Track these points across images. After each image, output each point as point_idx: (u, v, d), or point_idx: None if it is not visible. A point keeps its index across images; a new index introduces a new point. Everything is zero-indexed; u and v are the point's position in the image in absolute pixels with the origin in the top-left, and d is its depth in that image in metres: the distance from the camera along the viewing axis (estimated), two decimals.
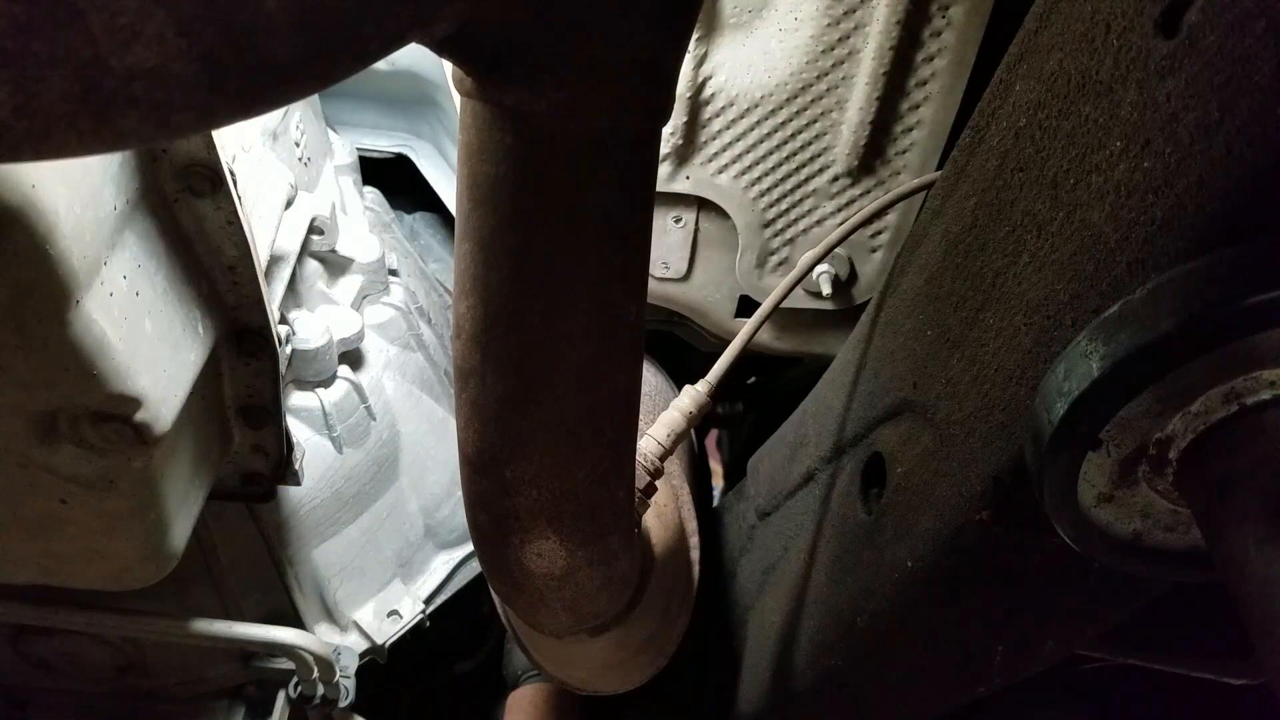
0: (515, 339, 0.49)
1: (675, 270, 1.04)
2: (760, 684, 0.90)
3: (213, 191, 0.62)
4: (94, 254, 0.53)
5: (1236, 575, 0.37)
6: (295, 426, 0.92)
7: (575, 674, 0.80)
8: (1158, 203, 0.40)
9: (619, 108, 0.41)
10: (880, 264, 1.00)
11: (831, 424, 0.80)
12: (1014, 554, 0.56)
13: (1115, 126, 0.43)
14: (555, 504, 0.56)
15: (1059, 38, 0.49)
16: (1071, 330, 0.44)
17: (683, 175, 0.94)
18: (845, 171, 0.93)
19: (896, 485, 0.65)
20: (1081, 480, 0.44)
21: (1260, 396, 0.38)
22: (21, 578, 0.73)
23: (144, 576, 0.73)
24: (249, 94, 0.30)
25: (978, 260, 0.55)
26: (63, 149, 0.28)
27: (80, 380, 0.54)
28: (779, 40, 0.85)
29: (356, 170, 1.13)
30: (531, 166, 0.43)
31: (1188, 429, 0.41)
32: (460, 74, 0.41)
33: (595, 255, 0.47)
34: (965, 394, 0.55)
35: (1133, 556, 0.47)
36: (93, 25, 0.25)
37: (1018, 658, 0.66)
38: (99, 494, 0.62)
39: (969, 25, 0.82)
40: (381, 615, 1.06)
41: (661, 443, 0.69)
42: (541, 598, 0.63)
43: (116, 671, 1.05)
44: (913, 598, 0.63)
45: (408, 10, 0.32)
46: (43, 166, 0.48)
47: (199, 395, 0.69)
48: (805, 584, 0.81)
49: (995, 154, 0.55)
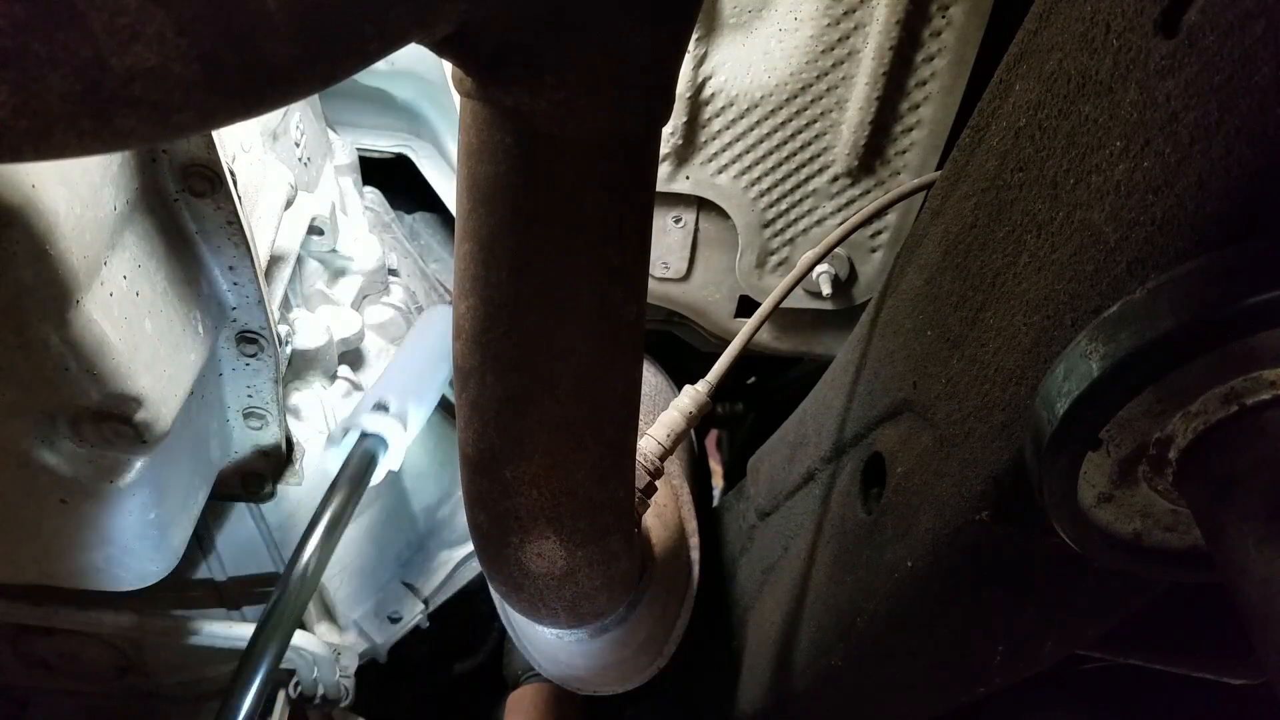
0: (515, 339, 0.49)
1: (675, 270, 1.04)
2: (760, 684, 0.90)
3: (213, 191, 0.62)
4: (94, 254, 0.53)
5: (1236, 575, 0.37)
6: (295, 426, 0.92)
7: (575, 674, 0.80)
8: (1158, 203, 0.40)
9: (619, 108, 0.41)
10: (880, 264, 1.00)
11: (831, 424, 0.80)
12: (1014, 554, 0.56)
13: (1115, 126, 0.43)
14: (555, 504, 0.56)
15: (1059, 38, 0.49)
16: (1071, 330, 0.44)
17: (683, 175, 0.94)
18: (845, 171, 0.93)
19: (896, 485, 0.65)
20: (1081, 480, 0.44)
21: (1260, 396, 0.38)
22: (21, 578, 0.73)
23: (144, 576, 0.73)
24: (249, 94, 0.30)
25: (978, 260, 0.55)
26: (63, 149, 0.28)
27: (80, 380, 0.54)
28: (779, 40, 0.85)
29: (356, 170, 1.13)
30: (531, 167, 0.43)
31: (1188, 429, 0.41)
32: (460, 74, 0.41)
33: (595, 255, 0.47)
34: (965, 394, 0.55)
35: (1133, 556, 0.47)
36: (93, 25, 0.25)
37: (1018, 658, 0.66)
38: (99, 494, 0.62)
39: (969, 25, 0.82)
40: (382, 615, 1.06)
41: (661, 443, 0.69)
42: (542, 598, 0.63)
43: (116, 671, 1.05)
44: (913, 598, 0.63)
45: (408, 10, 0.32)
46: (43, 166, 0.48)
47: (199, 395, 0.69)
48: (805, 584, 0.81)
49: (995, 154, 0.55)
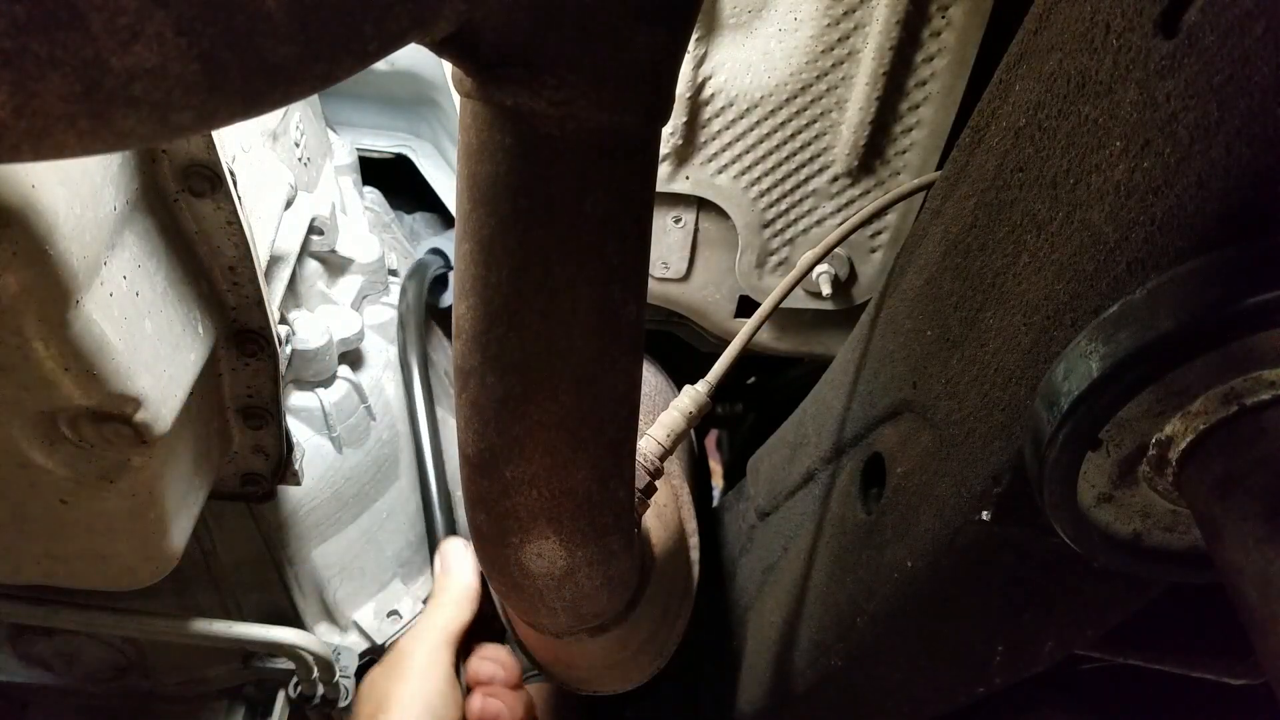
0: (515, 339, 0.49)
1: (675, 270, 1.04)
2: (760, 684, 0.90)
3: (213, 191, 0.62)
4: (94, 254, 0.53)
5: (1236, 575, 0.37)
6: (295, 426, 0.92)
7: (575, 674, 0.80)
8: (1158, 203, 0.40)
9: (619, 108, 0.41)
10: (880, 264, 1.00)
11: (831, 424, 0.80)
12: (1014, 554, 0.56)
13: (1115, 126, 0.43)
14: (555, 504, 0.56)
15: (1059, 38, 0.49)
16: (1071, 330, 0.44)
17: (682, 175, 0.94)
18: (845, 171, 0.93)
19: (896, 485, 0.65)
20: (1081, 480, 0.44)
21: (1260, 396, 0.38)
22: (21, 578, 0.73)
23: (144, 576, 0.73)
24: (249, 94, 0.30)
25: (977, 260, 0.55)
26: (63, 149, 0.28)
27: (80, 380, 0.54)
28: (779, 40, 0.85)
29: (356, 170, 1.13)
30: (531, 167, 0.43)
31: (1188, 429, 0.41)
32: (460, 74, 0.42)
33: (595, 255, 0.47)
34: (965, 394, 0.55)
35: (1133, 556, 0.47)
36: (93, 25, 0.25)
37: (1018, 658, 0.66)
38: (99, 494, 0.62)
39: (969, 25, 0.82)
40: (381, 615, 1.06)
41: (661, 443, 0.69)
42: (541, 598, 0.63)
43: (116, 671, 1.05)
44: (912, 597, 0.63)
45: (408, 10, 0.32)
46: (43, 166, 0.48)
47: (199, 395, 0.69)
48: (805, 584, 0.81)
49: (995, 154, 0.55)
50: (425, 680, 0.81)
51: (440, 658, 0.83)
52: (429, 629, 0.86)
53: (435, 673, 0.82)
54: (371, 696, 0.82)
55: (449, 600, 0.89)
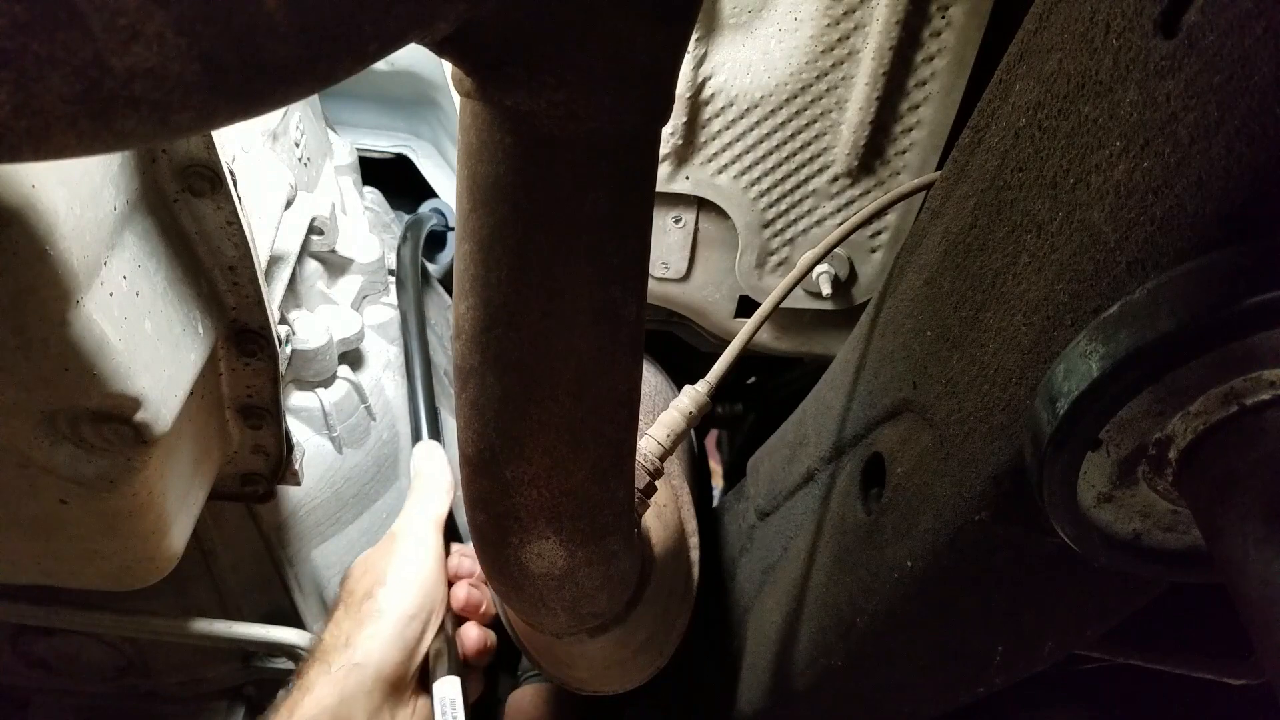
0: (515, 339, 0.49)
1: (675, 270, 1.04)
2: (760, 684, 0.90)
3: (213, 191, 0.62)
4: (94, 254, 0.53)
5: (1236, 575, 0.37)
6: (295, 426, 0.92)
7: (575, 674, 0.80)
8: (1158, 203, 0.40)
9: (619, 108, 0.41)
10: (880, 264, 1.00)
11: (831, 424, 0.80)
12: (1014, 554, 0.56)
13: (1115, 126, 0.43)
14: (555, 504, 0.56)
15: (1059, 38, 0.49)
16: (1071, 330, 0.44)
17: (682, 175, 0.94)
18: (845, 172, 0.93)
19: (896, 485, 0.65)
20: (1081, 480, 0.44)
21: (1260, 396, 0.38)
22: (21, 578, 0.73)
23: (144, 576, 0.73)
24: (249, 94, 0.30)
25: (977, 260, 0.55)
26: (63, 149, 0.28)
27: (80, 380, 0.54)
28: (779, 40, 0.85)
29: (356, 170, 1.13)
30: (531, 167, 0.43)
31: (1187, 429, 0.41)
32: (460, 74, 0.42)
33: (595, 255, 0.47)
34: (965, 394, 0.55)
35: (1133, 556, 0.47)
36: (93, 25, 0.25)
37: (1018, 658, 0.66)
38: (99, 494, 0.62)
39: (969, 25, 0.82)
40: None
41: (661, 443, 0.69)
42: (541, 598, 0.63)
43: (116, 671, 1.05)
44: (912, 598, 0.63)
45: (408, 10, 0.32)
46: (42, 166, 0.48)
47: (199, 395, 0.69)
48: (805, 584, 0.81)
49: (995, 154, 0.55)
50: (420, 561, 0.87)
51: (431, 542, 0.89)
52: (417, 516, 0.91)
53: (428, 555, 0.87)
54: (369, 574, 0.86)
55: (432, 491, 0.94)
